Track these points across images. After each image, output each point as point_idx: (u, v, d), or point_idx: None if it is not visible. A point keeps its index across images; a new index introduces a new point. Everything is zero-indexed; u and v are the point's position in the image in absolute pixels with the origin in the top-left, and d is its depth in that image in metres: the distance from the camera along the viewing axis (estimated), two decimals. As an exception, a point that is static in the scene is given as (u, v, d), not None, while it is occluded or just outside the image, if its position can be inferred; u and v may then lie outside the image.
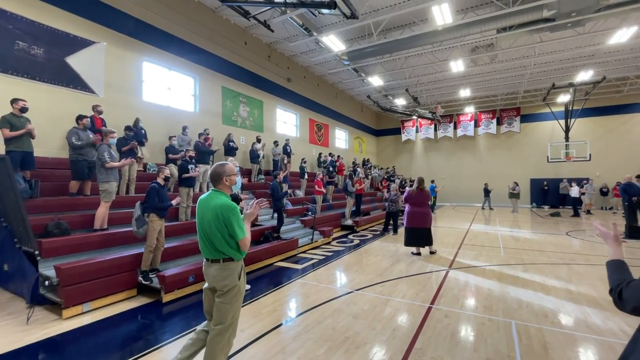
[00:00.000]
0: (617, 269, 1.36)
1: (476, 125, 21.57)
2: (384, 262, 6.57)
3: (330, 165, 14.64)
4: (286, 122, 14.97)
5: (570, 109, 16.25)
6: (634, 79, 16.35)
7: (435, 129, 22.79)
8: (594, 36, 11.70)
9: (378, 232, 10.38)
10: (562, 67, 14.79)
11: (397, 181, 17.63)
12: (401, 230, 8.75)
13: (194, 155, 7.02)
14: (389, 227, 10.42)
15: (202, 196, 2.50)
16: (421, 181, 7.13)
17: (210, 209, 2.37)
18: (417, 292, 4.75)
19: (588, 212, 15.81)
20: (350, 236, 9.74)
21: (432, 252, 7.22)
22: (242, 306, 3.95)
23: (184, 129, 8.57)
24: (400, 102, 19.65)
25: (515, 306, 4.20)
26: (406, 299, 4.48)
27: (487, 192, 18.37)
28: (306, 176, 12.27)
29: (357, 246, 8.25)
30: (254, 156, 10.86)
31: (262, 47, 12.84)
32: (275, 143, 12.34)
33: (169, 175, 5.89)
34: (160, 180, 4.90)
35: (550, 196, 18.95)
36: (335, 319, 3.78)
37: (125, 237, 5.28)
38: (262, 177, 11.20)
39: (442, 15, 9.26)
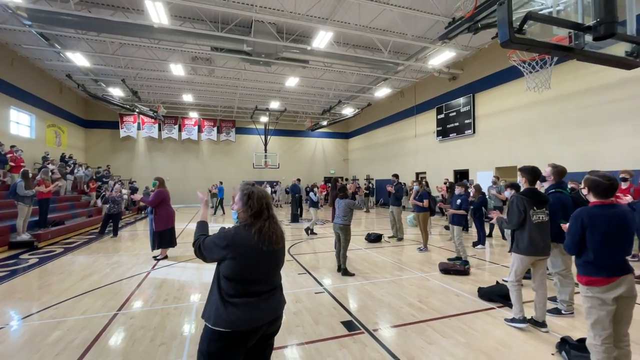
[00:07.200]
0: (201, 226, 1.99)
1: (200, 130, 22.92)
2: (71, 278, 5.51)
3: (-6, 159, 10.27)
4: None
5: (267, 128, 21.22)
6: (302, 114, 23.97)
7: (160, 129, 21.90)
8: (278, 77, 15.97)
9: (75, 244, 8.52)
10: (261, 94, 19.01)
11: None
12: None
13: None
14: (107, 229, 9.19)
15: None
16: (162, 181, 6.96)
17: None
18: (105, 303, 4.39)
19: (280, 206, 21.25)
20: (26, 255, 7.32)
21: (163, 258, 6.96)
22: None
23: None
24: (116, 92, 17.06)
25: (201, 289, 4.92)
26: (88, 313, 4.03)
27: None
28: None
29: (33, 267, 6.35)
30: None
31: None
32: None
33: None
34: None
35: (257, 195, 23.71)
36: (-46, 373, 2.73)
37: None
38: None
39: (157, 14, 9.10)
